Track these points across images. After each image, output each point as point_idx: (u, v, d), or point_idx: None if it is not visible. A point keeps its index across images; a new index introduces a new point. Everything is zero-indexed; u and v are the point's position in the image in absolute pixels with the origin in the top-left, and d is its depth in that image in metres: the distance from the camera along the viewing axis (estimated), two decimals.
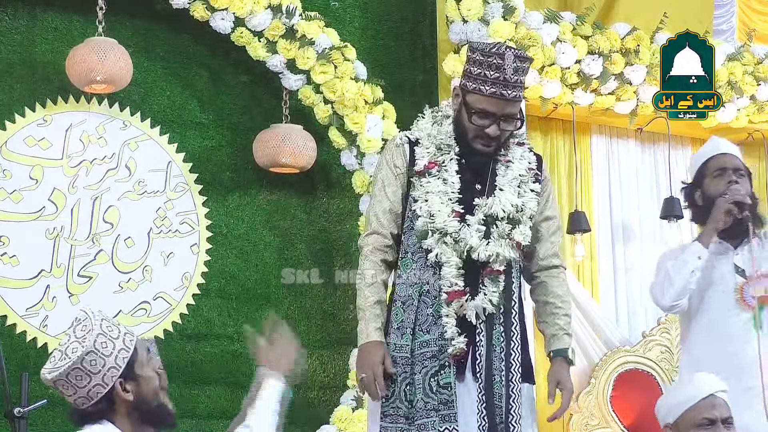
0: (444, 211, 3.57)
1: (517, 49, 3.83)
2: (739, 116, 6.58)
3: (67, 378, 2.86)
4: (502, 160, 3.68)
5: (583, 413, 6.14)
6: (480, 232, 3.58)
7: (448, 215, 3.57)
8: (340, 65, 5.59)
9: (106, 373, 2.88)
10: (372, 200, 3.79)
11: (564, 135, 6.50)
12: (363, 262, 3.71)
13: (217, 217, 5.65)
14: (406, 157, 3.70)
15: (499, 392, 3.56)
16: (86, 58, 5.13)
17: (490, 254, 3.57)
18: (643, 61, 6.18)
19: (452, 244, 3.56)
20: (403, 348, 3.59)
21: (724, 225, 4.39)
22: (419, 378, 3.55)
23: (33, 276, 5.23)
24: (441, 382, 3.53)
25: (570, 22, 6.07)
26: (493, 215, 3.60)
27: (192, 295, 5.54)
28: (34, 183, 5.28)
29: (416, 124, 3.79)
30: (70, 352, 2.88)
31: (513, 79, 3.56)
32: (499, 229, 3.60)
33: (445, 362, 3.54)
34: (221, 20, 5.43)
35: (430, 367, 3.55)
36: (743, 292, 4.39)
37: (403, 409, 3.57)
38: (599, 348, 6.26)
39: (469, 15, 5.78)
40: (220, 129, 5.71)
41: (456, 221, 3.57)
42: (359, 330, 3.67)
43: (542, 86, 5.98)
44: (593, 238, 6.48)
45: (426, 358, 3.56)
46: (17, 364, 4.98)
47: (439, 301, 3.56)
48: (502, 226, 3.60)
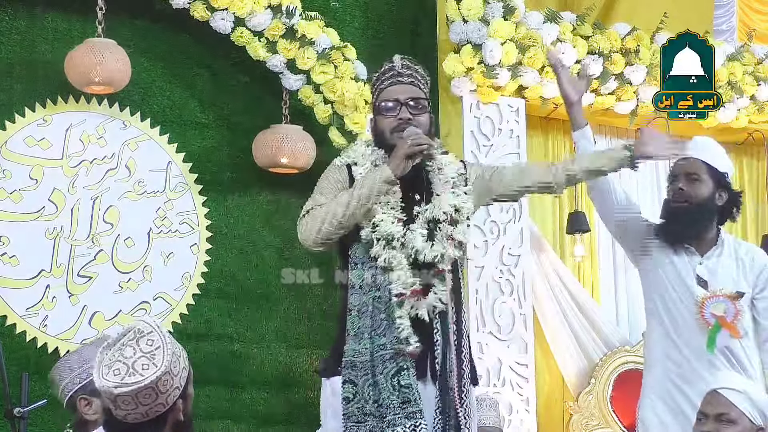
0: (387, 219, 3.72)
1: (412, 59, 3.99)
2: (739, 116, 6.58)
3: (135, 396, 2.71)
4: (433, 169, 3.82)
5: (583, 413, 6.14)
6: (424, 236, 3.71)
7: (392, 222, 3.71)
8: (340, 65, 5.59)
9: (171, 393, 2.76)
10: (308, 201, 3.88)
11: (564, 135, 6.50)
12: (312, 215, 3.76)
13: (217, 217, 5.65)
14: (345, 178, 3.85)
15: (453, 391, 3.65)
16: (84, 59, 5.13)
17: (436, 255, 3.69)
18: (643, 61, 6.18)
19: (399, 248, 3.70)
20: (362, 352, 3.70)
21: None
22: (382, 378, 3.65)
23: (33, 276, 5.23)
24: (402, 382, 3.63)
25: (570, 22, 6.07)
26: (435, 218, 3.74)
27: (192, 295, 5.54)
28: (34, 183, 5.28)
29: (351, 149, 3.95)
30: (141, 369, 2.72)
31: (405, 72, 3.82)
32: (441, 231, 3.72)
33: (404, 365, 3.64)
34: (221, 20, 5.43)
35: (390, 368, 3.65)
36: (704, 308, 4.28)
37: (369, 408, 3.65)
38: (599, 348, 6.26)
39: (469, 15, 5.78)
40: (220, 129, 5.71)
41: (400, 227, 3.71)
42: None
43: (542, 86, 5.98)
44: (593, 238, 6.48)
45: (385, 360, 3.66)
46: (17, 364, 4.98)
47: (392, 305, 3.68)
48: (444, 227, 3.72)
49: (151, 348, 2.75)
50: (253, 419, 5.60)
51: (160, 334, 2.76)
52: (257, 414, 5.62)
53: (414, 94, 3.79)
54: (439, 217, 3.73)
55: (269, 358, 5.71)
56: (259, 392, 5.63)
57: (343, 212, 3.71)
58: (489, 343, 5.79)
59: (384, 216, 3.73)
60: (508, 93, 6.00)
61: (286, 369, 5.72)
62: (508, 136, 5.99)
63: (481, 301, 5.81)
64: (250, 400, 5.61)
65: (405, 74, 3.83)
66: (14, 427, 3.84)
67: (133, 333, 2.77)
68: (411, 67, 3.85)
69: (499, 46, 5.78)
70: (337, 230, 3.73)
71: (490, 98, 5.94)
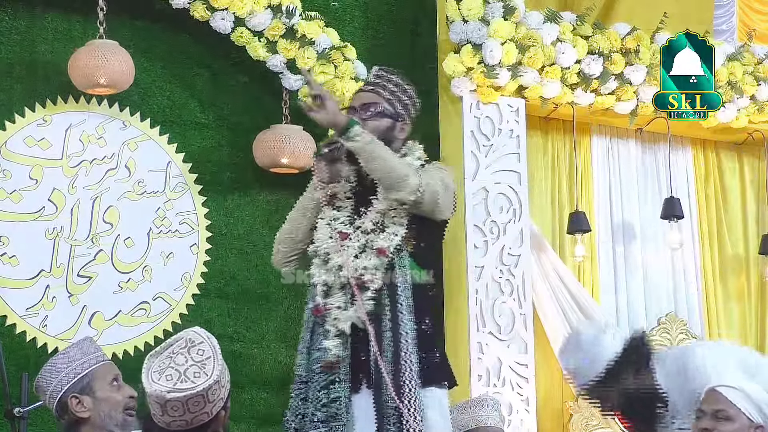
0: (325, 234, 3.82)
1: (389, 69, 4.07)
2: (739, 116, 6.58)
3: (185, 402, 2.75)
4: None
5: (583, 413, 6.14)
6: (357, 249, 3.77)
7: (329, 238, 3.81)
8: (340, 65, 5.59)
9: (217, 403, 2.81)
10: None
11: (564, 135, 6.50)
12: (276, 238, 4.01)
13: (217, 217, 5.65)
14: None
15: (390, 398, 3.65)
16: (88, 62, 5.13)
17: (356, 268, 3.73)
18: (643, 61, 6.18)
19: (322, 265, 3.81)
20: (300, 366, 3.82)
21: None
22: (311, 393, 3.73)
23: (33, 276, 5.23)
24: (331, 396, 3.69)
25: (570, 22, 6.07)
26: (365, 230, 3.79)
27: (192, 295, 5.54)
28: (33, 183, 5.28)
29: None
30: (193, 376, 2.77)
31: (372, 81, 3.94)
32: (368, 243, 3.77)
33: (336, 377, 3.69)
34: (221, 20, 5.43)
35: (320, 382, 3.72)
36: None
37: (295, 422, 3.76)
38: None
39: (469, 15, 5.78)
40: (220, 129, 5.71)
41: (333, 242, 3.80)
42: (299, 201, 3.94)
43: (542, 86, 5.98)
44: (593, 238, 6.48)
45: (317, 373, 3.73)
46: (17, 364, 4.98)
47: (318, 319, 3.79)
48: (372, 238, 3.77)
49: (202, 357, 2.80)
50: (253, 419, 5.59)
51: (211, 345, 2.82)
52: (257, 414, 5.62)
53: (368, 100, 3.86)
54: (368, 228, 3.78)
55: (269, 358, 5.71)
56: (259, 392, 5.63)
57: (289, 227, 3.90)
58: (489, 343, 5.79)
59: (322, 231, 3.82)
60: (508, 93, 5.99)
61: (286, 369, 5.71)
62: (508, 136, 5.99)
63: (481, 301, 5.81)
64: (250, 400, 5.61)
65: (370, 83, 3.93)
66: (14, 427, 3.84)
67: (184, 342, 2.83)
68: (382, 77, 3.92)
69: (499, 46, 5.78)
70: (291, 247, 3.89)
71: (490, 98, 5.94)
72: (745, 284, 6.96)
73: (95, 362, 3.56)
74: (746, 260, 6.98)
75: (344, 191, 3.88)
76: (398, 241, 3.75)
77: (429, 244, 3.86)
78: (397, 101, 3.89)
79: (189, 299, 5.53)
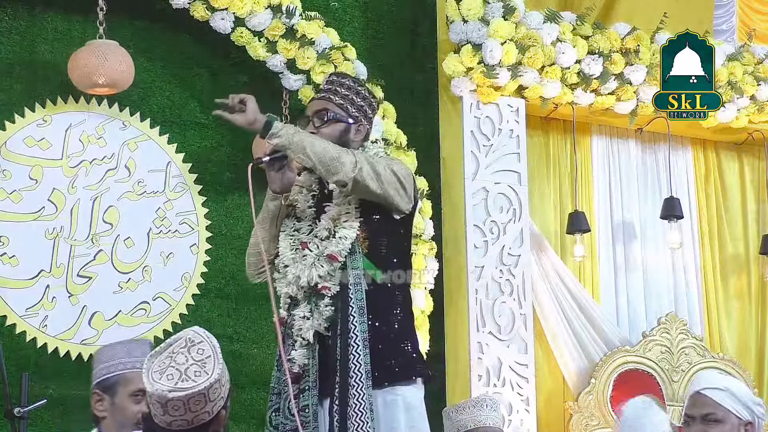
0: (286, 247, 3.86)
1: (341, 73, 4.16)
2: (739, 116, 6.58)
3: (187, 401, 2.76)
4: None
5: (583, 413, 6.14)
6: (315, 258, 3.79)
7: (290, 249, 3.84)
8: (340, 65, 5.59)
9: (217, 402, 2.80)
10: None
11: (564, 135, 6.51)
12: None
13: (217, 217, 5.64)
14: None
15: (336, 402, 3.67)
16: (88, 61, 5.13)
17: (310, 278, 3.76)
18: (643, 61, 6.18)
19: (282, 278, 3.84)
20: (274, 379, 3.84)
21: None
22: (282, 403, 3.75)
23: (33, 276, 5.23)
24: (301, 404, 3.71)
25: (570, 22, 6.07)
26: (321, 237, 3.81)
27: (192, 295, 5.54)
28: (33, 183, 5.28)
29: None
30: (194, 375, 2.77)
31: (324, 87, 3.99)
32: (321, 250, 3.79)
33: (306, 386, 3.72)
34: (221, 20, 5.43)
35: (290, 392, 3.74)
36: None
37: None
38: (599, 348, 6.26)
39: (469, 15, 5.78)
40: (219, 129, 5.70)
41: (293, 254, 3.83)
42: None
43: (542, 86, 5.98)
44: (593, 238, 6.49)
45: (287, 384, 3.73)
46: (17, 364, 4.98)
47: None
48: (326, 244, 3.79)
49: (202, 357, 2.80)
50: (253, 419, 5.59)
51: (210, 344, 2.83)
52: (257, 414, 5.61)
53: (319, 107, 3.92)
54: (322, 236, 3.81)
55: (269, 358, 5.69)
56: (259, 392, 5.62)
57: (253, 241, 3.94)
58: (489, 343, 5.79)
59: (284, 243, 3.86)
60: (508, 93, 6.00)
61: None
62: (508, 136, 5.99)
63: (481, 301, 5.81)
64: (250, 400, 5.60)
65: (322, 90, 3.99)
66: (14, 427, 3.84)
67: (184, 341, 2.82)
68: (334, 82, 3.97)
69: (499, 46, 5.78)
70: (258, 260, 3.89)
71: (490, 98, 5.94)
72: (746, 284, 6.97)
73: (130, 368, 3.56)
74: (746, 260, 6.98)
75: (305, 201, 3.92)
76: (348, 244, 3.76)
77: (390, 242, 3.83)
78: (350, 104, 3.91)
79: (189, 299, 5.53)
